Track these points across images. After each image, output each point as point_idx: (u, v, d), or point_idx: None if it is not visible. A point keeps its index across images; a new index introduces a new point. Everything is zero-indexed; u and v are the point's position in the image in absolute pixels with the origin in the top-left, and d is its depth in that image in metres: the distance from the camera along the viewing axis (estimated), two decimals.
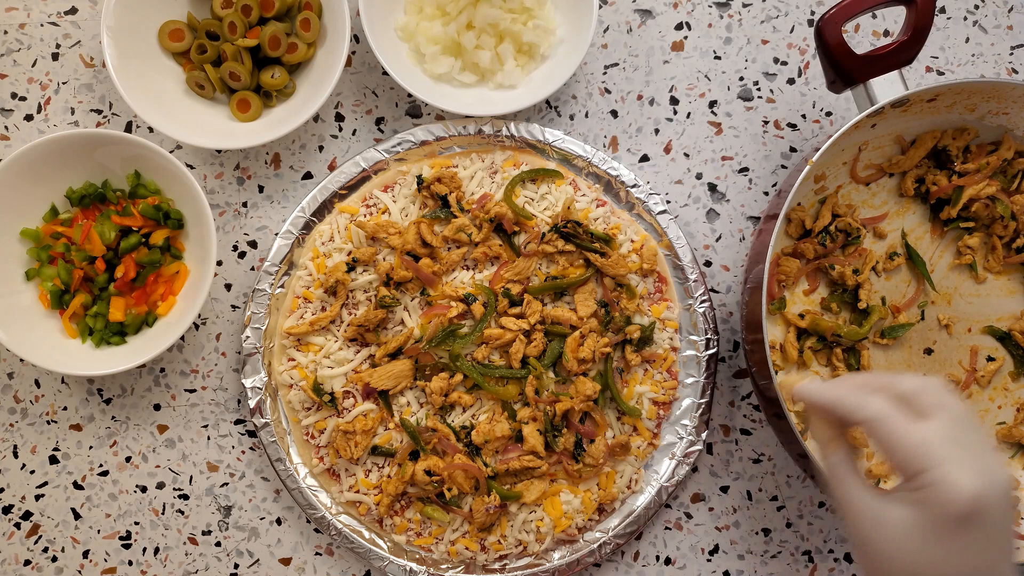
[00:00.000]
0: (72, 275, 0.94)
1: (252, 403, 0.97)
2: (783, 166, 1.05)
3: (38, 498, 1.00)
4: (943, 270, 1.01)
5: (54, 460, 1.00)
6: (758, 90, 1.06)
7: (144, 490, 1.00)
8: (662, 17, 1.06)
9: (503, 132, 1.00)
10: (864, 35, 1.07)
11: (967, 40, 1.07)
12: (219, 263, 1.02)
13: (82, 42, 1.03)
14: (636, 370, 0.98)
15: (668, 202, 1.04)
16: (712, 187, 1.05)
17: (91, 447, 1.00)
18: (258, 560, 0.99)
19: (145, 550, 0.99)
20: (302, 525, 1.00)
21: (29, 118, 1.02)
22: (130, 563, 0.99)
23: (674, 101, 1.05)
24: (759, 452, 1.02)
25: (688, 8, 1.06)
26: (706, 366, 0.99)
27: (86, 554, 0.99)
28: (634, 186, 1.01)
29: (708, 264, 1.04)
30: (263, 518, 1.00)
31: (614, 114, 1.05)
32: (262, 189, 1.03)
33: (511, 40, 0.99)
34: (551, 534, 0.95)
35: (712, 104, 1.05)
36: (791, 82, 1.06)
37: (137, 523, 0.99)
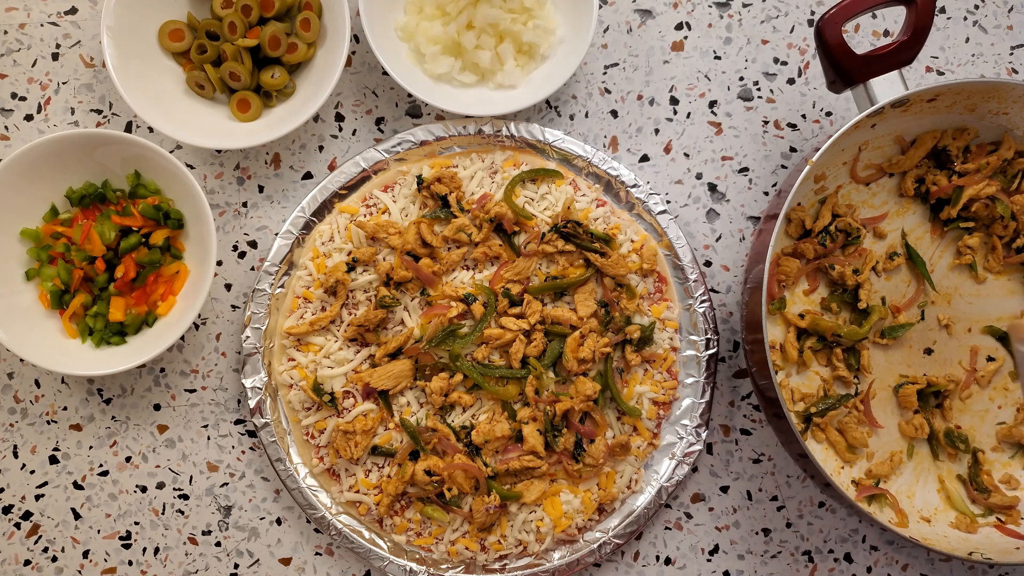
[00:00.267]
0: (72, 275, 0.94)
1: (252, 403, 0.97)
2: (783, 166, 1.05)
3: (38, 498, 0.99)
4: (943, 270, 1.01)
5: (54, 460, 1.00)
6: (758, 90, 1.06)
7: (144, 490, 1.00)
8: (662, 17, 1.06)
9: (503, 132, 1.00)
10: (864, 35, 1.06)
11: (967, 40, 1.07)
12: (219, 263, 1.02)
13: (82, 42, 1.03)
14: (636, 370, 0.98)
15: (668, 202, 1.04)
16: (712, 187, 1.05)
17: (91, 447, 1.00)
18: (258, 560, 0.99)
19: (145, 550, 0.99)
20: (302, 525, 1.00)
21: (29, 118, 1.02)
22: (130, 563, 0.99)
23: (674, 101, 1.05)
24: (759, 452, 1.02)
25: (688, 8, 1.06)
26: (706, 366, 0.99)
27: (86, 554, 0.99)
28: (634, 186, 1.01)
29: (708, 264, 1.04)
30: (263, 518, 1.00)
31: (614, 114, 1.05)
32: (262, 189, 1.03)
33: (511, 40, 0.99)
34: (551, 534, 0.95)
35: (712, 104, 1.05)
36: (791, 82, 1.06)
37: (137, 523, 0.99)
